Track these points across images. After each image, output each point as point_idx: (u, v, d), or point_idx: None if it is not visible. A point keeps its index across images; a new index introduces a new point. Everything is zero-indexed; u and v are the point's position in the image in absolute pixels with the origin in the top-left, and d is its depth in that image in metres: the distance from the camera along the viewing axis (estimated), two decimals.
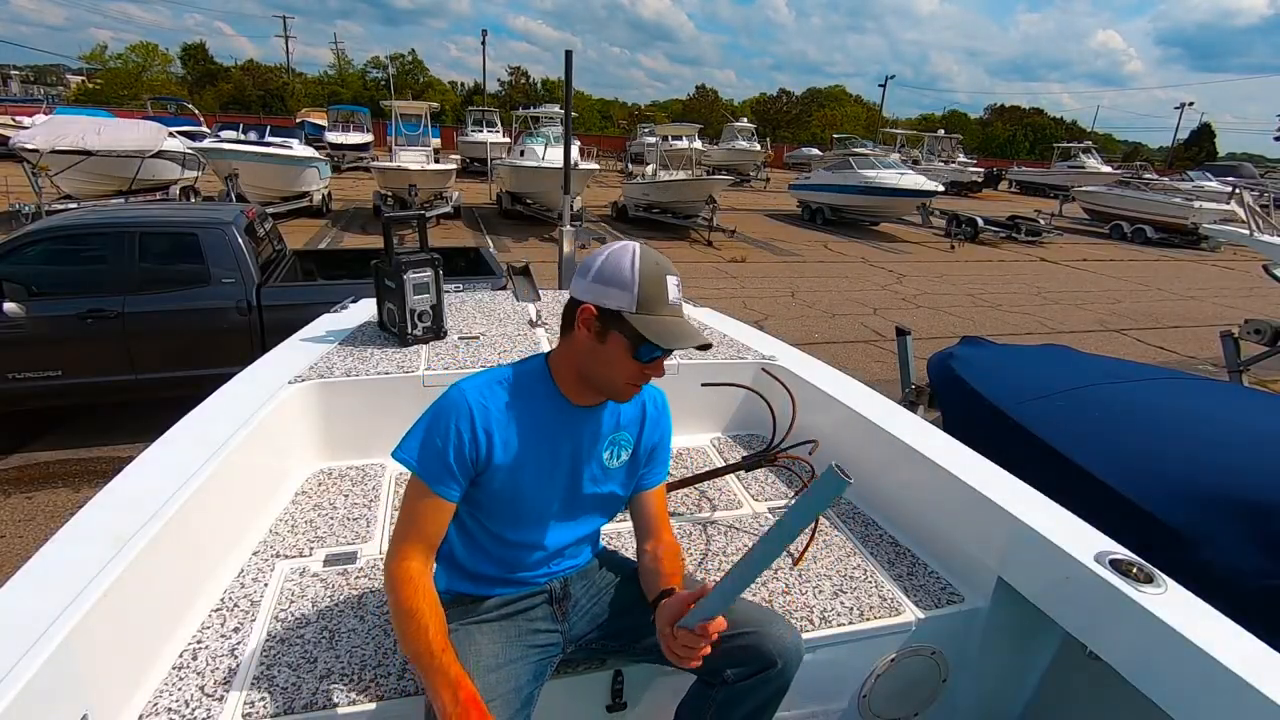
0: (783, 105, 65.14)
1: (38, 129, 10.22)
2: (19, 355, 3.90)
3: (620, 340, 1.16)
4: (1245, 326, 4.72)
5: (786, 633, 1.27)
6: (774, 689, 1.26)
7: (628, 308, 1.14)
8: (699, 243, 13.62)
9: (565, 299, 1.25)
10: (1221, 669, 1.12)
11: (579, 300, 1.18)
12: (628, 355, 1.16)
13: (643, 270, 1.14)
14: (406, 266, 2.43)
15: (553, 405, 1.25)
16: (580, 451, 1.28)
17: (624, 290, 1.13)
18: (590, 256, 1.20)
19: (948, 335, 7.71)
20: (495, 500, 1.23)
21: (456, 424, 1.16)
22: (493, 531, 1.27)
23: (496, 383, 1.23)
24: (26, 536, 3.29)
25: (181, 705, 1.24)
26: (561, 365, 1.25)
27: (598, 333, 1.17)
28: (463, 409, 1.17)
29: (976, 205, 23.36)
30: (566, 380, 1.25)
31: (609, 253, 1.18)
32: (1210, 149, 55.11)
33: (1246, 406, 2.40)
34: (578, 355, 1.21)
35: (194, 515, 1.46)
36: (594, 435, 1.30)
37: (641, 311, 1.14)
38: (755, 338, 2.81)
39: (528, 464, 1.22)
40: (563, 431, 1.26)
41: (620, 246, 1.19)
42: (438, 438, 1.16)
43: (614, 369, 1.19)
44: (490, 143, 19.64)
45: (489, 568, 1.30)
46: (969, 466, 1.76)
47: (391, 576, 1.15)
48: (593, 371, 1.21)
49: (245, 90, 46.80)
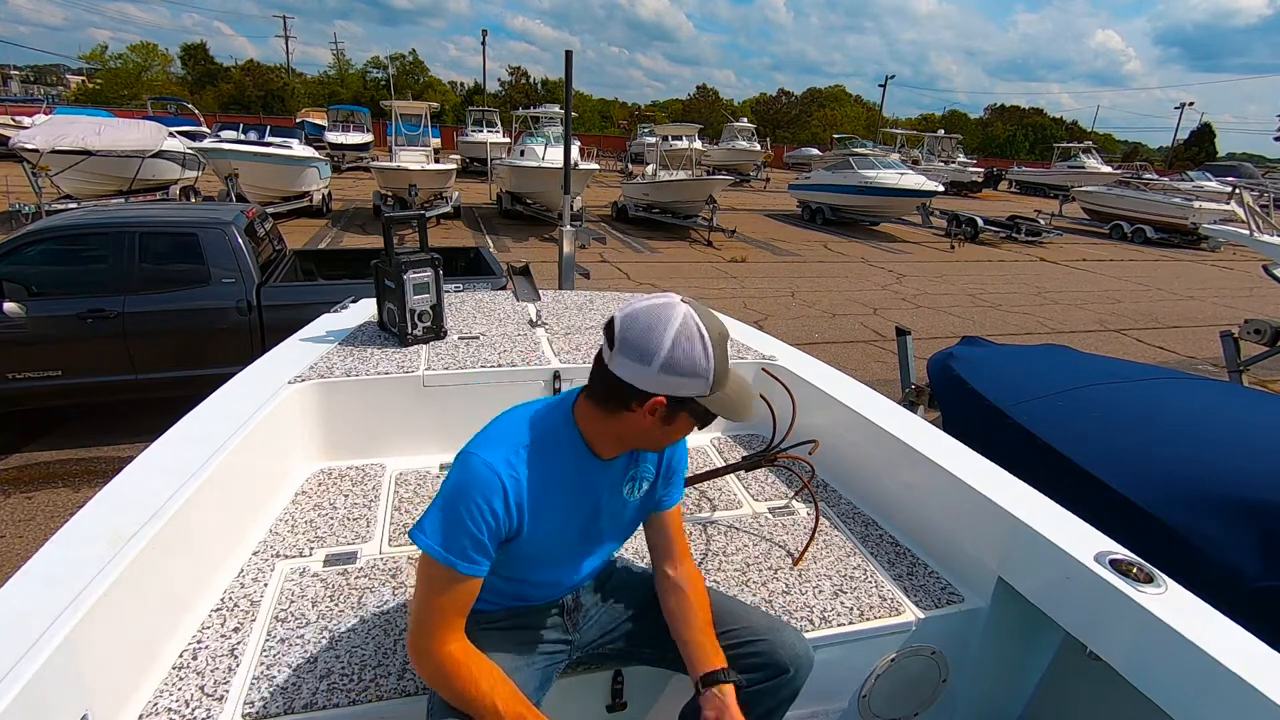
0: (783, 105, 65.15)
1: (38, 129, 10.22)
2: (19, 355, 3.90)
3: (687, 418, 1.11)
4: (1245, 326, 4.72)
5: (797, 640, 1.27)
6: (786, 694, 1.27)
7: (702, 393, 1.06)
8: (699, 243, 13.62)
9: (565, 299, 1.24)
10: (1221, 669, 1.12)
11: (643, 390, 1.05)
12: (690, 426, 1.13)
13: (717, 352, 1.05)
14: (406, 266, 2.43)
15: (579, 461, 1.18)
16: (604, 497, 1.24)
17: (700, 379, 1.05)
18: (640, 332, 1.04)
19: (948, 335, 7.71)
20: (516, 558, 1.17)
21: (490, 503, 1.07)
22: (507, 576, 1.22)
23: (521, 447, 1.12)
24: (26, 536, 3.29)
25: (181, 705, 1.24)
26: (596, 429, 1.16)
27: (664, 418, 1.09)
28: (494, 485, 1.07)
29: (976, 205, 23.36)
30: (598, 440, 1.17)
31: (673, 338, 1.02)
32: (1210, 149, 55.08)
33: (1246, 406, 2.40)
34: (629, 432, 1.14)
35: (194, 515, 1.46)
36: (618, 478, 1.25)
37: (715, 391, 1.07)
38: (755, 338, 2.81)
39: (555, 521, 1.16)
40: (588, 483, 1.20)
41: (681, 326, 1.03)
42: (468, 520, 1.06)
43: (671, 438, 1.15)
44: (490, 143, 19.63)
45: (501, 597, 1.28)
46: (969, 466, 1.76)
47: (438, 669, 1.07)
48: (643, 442, 1.16)
49: (245, 90, 46.82)
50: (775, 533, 1.92)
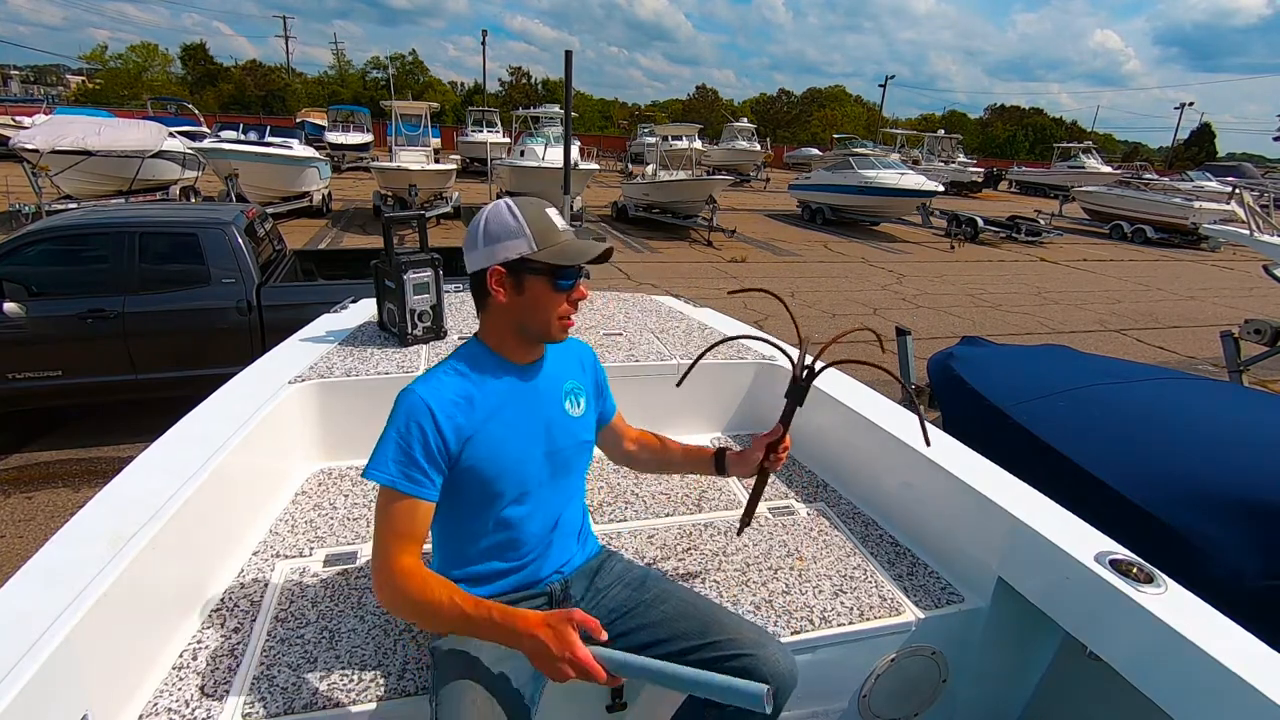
0: (783, 105, 65.18)
1: (38, 129, 10.23)
2: (19, 355, 3.90)
3: (537, 281, 1.21)
4: (1245, 326, 4.73)
5: (783, 657, 1.25)
6: (767, 713, 1.25)
7: (529, 250, 1.19)
8: (699, 243, 13.62)
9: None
10: (1221, 669, 1.12)
11: (482, 269, 1.22)
12: (550, 291, 1.22)
13: (525, 213, 1.20)
14: (406, 266, 2.43)
15: (502, 370, 1.29)
16: (543, 402, 1.32)
17: (518, 238, 1.19)
18: (469, 233, 1.25)
19: (948, 335, 7.71)
20: (479, 478, 1.23)
21: (417, 421, 1.17)
22: (484, 518, 1.27)
23: (441, 374, 1.26)
24: (26, 536, 3.29)
25: (181, 705, 1.24)
26: (492, 333, 1.30)
27: (513, 286, 1.22)
28: (418, 405, 1.18)
29: (976, 205, 23.36)
30: (505, 344, 1.30)
31: (485, 217, 1.22)
32: (1210, 149, 55.11)
33: (1247, 406, 2.40)
34: (506, 316, 1.26)
35: (194, 515, 1.46)
36: (548, 387, 1.35)
37: (542, 246, 1.19)
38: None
39: (499, 429, 1.25)
40: (519, 390, 1.30)
41: (490, 207, 1.23)
42: (399, 441, 1.17)
43: (542, 310, 1.24)
44: (490, 143, 19.62)
45: (485, 564, 1.30)
46: (969, 466, 1.76)
47: (389, 583, 1.13)
48: (525, 323, 1.26)
49: (245, 90, 46.85)
50: (775, 533, 1.92)
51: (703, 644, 1.25)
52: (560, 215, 1.26)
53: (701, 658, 1.25)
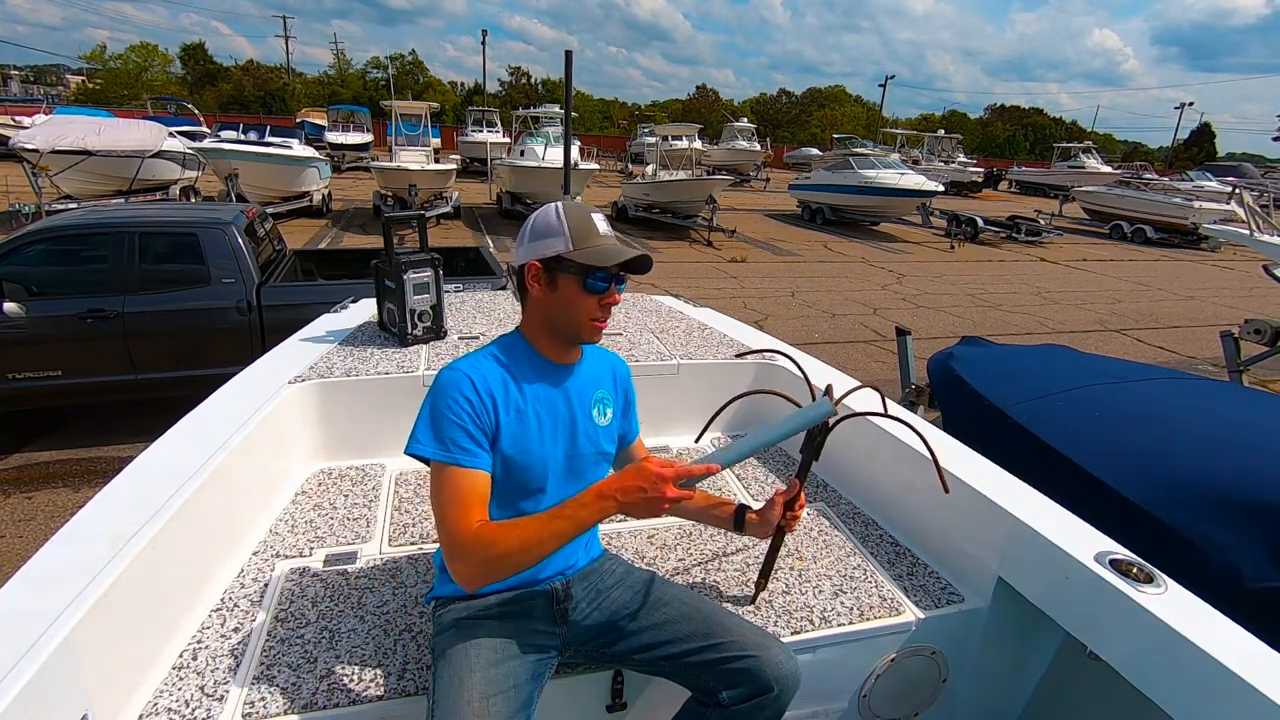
0: (783, 105, 65.19)
1: (38, 129, 10.21)
2: (19, 355, 3.90)
3: (569, 280, 1.24)
4: (1245, 326, 4.73)
5: (786, 659, 1.25)
6: (769, 714, 1.25)
7: (565, 249, 1.22)
8: (699, 243, 13.62)
9: None
10: (1221, 669, 1.12)
11: (523, 264, 1.27)
12: (581, 291, 1.24)
13: (568, 214, 1.25)
14: (406, 266, 2.43)
15: (537, 365, 1.32)
16: (572, 405, 1.34)
17: (556, 236, 1.23)
18: (521, 229, 1.30)
19: (948, 335, 7.71)
20: (503, 465, 1.24)
21: (462, 393, 1.20)
22: (497, 511, 1.26)
23: (482, 357, 1.29)
24: (26, 536, 3.29)
25: (181, 705, 1.24)
26: (532, 328, 1.33)
27: (547, 283, 1.25)
28: (462, 380, 1.21)
29: (976, 205, 23.36)
30: (541, 341, 1.32)
31: (534, 217, 1.28)
32: (1210, 149, 55.07)
33: (1246, 406, 2.40)
34: (540, 312, 1.29)
35: (194, 515, 1.46)
36: (580, 391, 1.36)
37: (578, 247, 1.22)
38: (755, 338, 2.81)
39: (529, 420, 1.27)
40: (552, 387, 1.33)
41: (542, 208, 1.28)
42: (449, 414, 1.19)
43: (574, 310, 1.26)
44: (490, 143, 19.62)
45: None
46: (969, 466, 1.76)
47: (477, 548, 1.10)
48: (557, 320, 1.28)
49: (245, 90, 46.80)
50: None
51: (706, 645, 1.26)
52: (606, 222, 1.30)
53: (704, 659, 1.25)
